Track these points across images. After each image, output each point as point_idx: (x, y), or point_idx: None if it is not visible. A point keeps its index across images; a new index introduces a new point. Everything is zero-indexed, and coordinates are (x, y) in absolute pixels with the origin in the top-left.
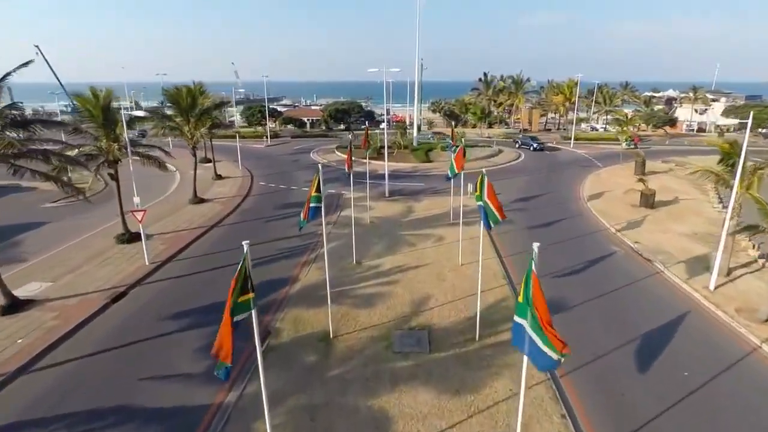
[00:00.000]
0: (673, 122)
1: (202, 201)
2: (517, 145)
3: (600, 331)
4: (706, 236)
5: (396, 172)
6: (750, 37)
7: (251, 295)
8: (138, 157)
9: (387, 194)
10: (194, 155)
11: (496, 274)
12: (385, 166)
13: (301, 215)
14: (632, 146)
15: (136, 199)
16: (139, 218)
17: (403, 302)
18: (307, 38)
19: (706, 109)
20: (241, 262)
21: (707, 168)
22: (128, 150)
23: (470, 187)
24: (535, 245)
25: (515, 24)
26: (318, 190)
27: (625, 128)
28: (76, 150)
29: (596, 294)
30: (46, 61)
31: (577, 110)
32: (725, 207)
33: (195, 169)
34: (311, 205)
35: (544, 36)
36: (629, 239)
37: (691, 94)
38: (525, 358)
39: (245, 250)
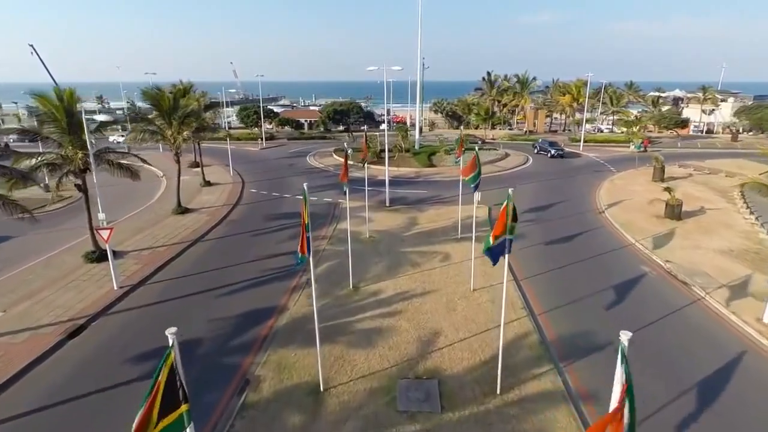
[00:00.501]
0: (685, 123)
1: (186, 211)
2: (535, 151)
3: (645, 378)
4: (744, 253)
5: (397, 178)
6: (754, 37)
7: (184, 407)
8: (108, 166)
9: (387, 203)
10: (177, 161)
11: (513, 302)
12: (386, 171)
13: (298, 249)
14: (642, 149)
15: (101, 215)
16: (105, 237)
17: (408, 340)
18: (308, 38)
19: (713, 110)
20: (160, 363)
21: (759, 180)
22: (91, 158)
23: (478, 195)
24: (625, 336)
25: (516, 23)
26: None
27: (634, 130)
28: (35, 159)
29: (632, 327)
30: (41, 60)
31: (587, 111)
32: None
33: (178, 177)
34: (307, 234)
35: (545, 36)
36: (659, 257)
37: (700, 94)
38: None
39: (171, 343)
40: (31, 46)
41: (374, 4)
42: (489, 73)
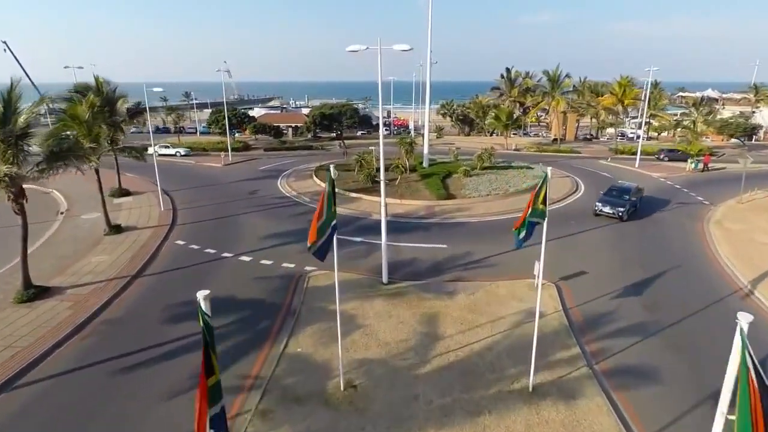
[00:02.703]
0: (754, 131)
1: (41, 294)
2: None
3: None
4: None
5: (400, 219)
6: (755, 37)
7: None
8: None
9: (385, 278)
10: (19, 212)
11: None
12: (383, 212)
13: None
14: (702, 168)
15: None
16: None
17: None
18: (308, 38)
19: (753, 112)
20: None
21: None
22: None
23: (539, 267)
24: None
25: (516, 23)
26: None
27: (692, 139)
28: None
29: None
30: (14, 57)
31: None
32: None
33: (24, 242)
34: None
35: (545, 36)
36: None
37: (751, 96)
38: None
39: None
40: (4, 42)
41: (374, 4)
42: (509, 70)
